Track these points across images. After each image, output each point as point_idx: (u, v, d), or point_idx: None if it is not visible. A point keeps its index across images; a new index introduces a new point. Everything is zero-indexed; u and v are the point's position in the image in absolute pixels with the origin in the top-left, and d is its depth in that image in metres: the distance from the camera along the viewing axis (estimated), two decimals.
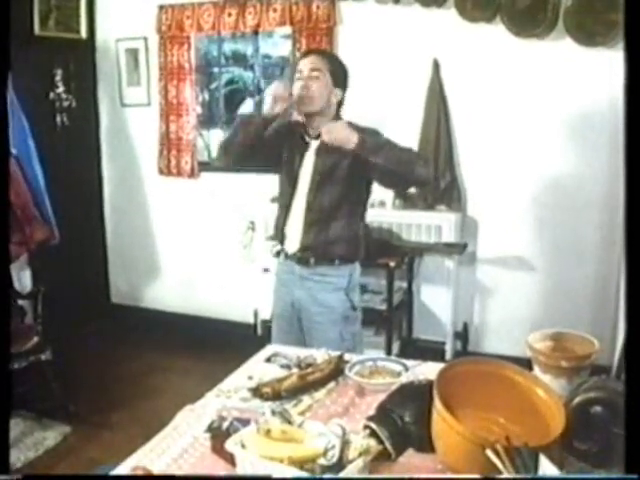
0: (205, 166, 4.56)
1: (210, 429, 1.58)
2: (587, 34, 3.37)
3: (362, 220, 2.66)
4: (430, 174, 2.44)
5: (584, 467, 1.37)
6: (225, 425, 1.52)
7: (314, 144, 2.56)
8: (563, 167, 3.67)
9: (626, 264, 1.21)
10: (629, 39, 1.26)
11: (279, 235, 2.62)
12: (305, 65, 2.49)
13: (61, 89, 4.44)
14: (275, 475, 1.30)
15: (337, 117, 2.58)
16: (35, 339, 3.40)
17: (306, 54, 2.64)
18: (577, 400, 1.43)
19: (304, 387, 1.83)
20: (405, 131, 3.82)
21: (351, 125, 2.58)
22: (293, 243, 2.57)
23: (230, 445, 1.41)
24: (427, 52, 3.78)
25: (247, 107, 4.79)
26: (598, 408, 1.40)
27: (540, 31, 3.50)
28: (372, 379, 1.87)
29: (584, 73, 3.50)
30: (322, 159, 2.52)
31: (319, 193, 2.52)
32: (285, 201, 2.60)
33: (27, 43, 4.11)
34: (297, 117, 2.57)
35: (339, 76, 2.56)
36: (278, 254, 2.66)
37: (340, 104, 2.58)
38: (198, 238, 4.68)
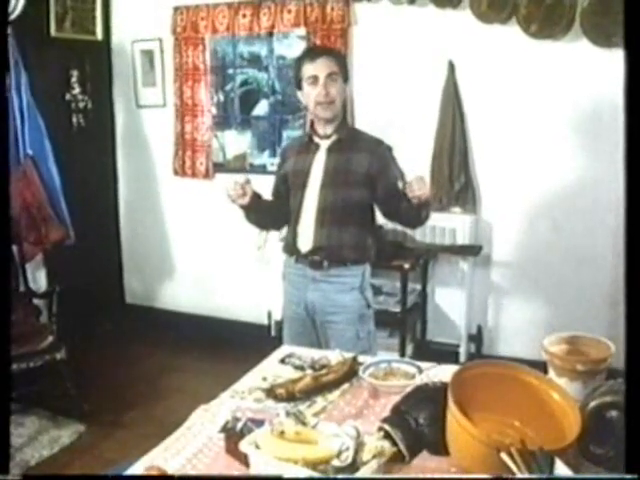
0: (220, 167, 4.57)
1: (224, 429, 1.58)
2: (604, 35, 3.34)
3: (373, 224, 2.67)
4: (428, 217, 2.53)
5: (600, 471, 1.36)
6: (239, 426, 1.53)
7: (324, 144, 2.57)
8: (578, 169, 3.64)
9: (625, 265, 1.20)
10: (629, 39, 1.25)
11: (292, 233, 2.62)
12: (319, 70, 2.47)
13: (77, 90, 4.47)
14: (289, 476, 1.30)
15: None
16: (50, 338, 3.41)
17: (313, 56, 2.53)
18: (593, 404, 1.42)
19: (318, 388, 1.83)
20: (420, 133, 3.83)
21: (364, 135, 2.61)
22: (306, 242, 2.57)
23: (244, 446, 1.41)
24: (442, 53, 3.75)
25: (261, 108, 4.80)
26: (614, 412, 1.39)
27: (556, 32, 3.48)
28: (386, 381, 1.87)
29: (600, 75, 3.46)
30: (334, 158, 2.53)
31: (331, 191, 2.52)
32: (297, 200, 2.60)
33: (43, 44, 4.15)
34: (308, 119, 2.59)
35: (346, 73, 2.60)
36: (291, 253, 2.65)
37: None
38: (212, 239, 4.69)
